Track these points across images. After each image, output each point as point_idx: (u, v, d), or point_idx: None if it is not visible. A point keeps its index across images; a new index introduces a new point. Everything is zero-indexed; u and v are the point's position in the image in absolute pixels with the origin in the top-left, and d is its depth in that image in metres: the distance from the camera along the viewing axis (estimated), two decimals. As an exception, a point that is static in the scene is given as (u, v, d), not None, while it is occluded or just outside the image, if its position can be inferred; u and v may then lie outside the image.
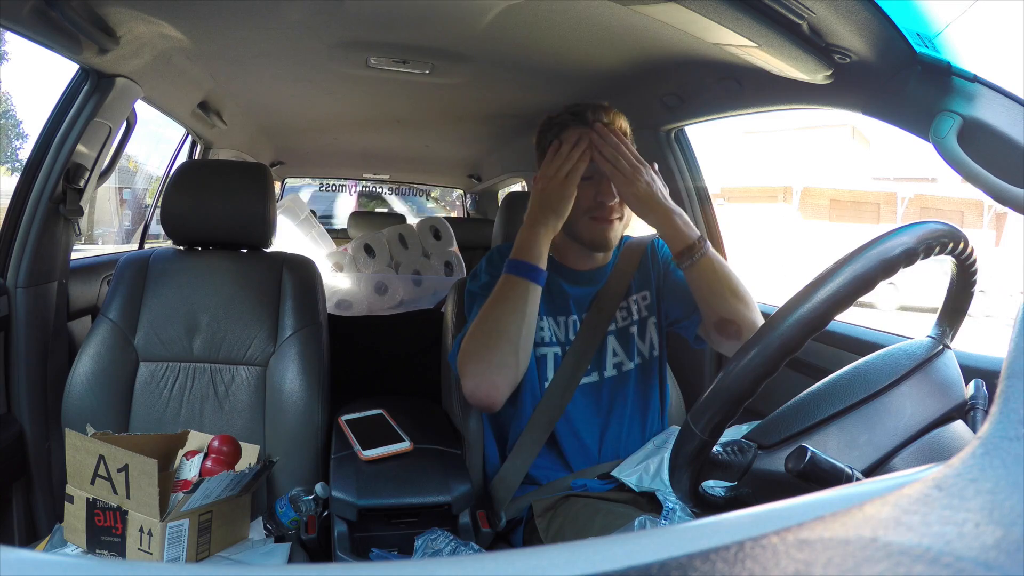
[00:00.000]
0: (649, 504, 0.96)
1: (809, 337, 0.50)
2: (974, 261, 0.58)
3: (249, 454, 1.08)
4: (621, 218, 1.04)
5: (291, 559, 1.01)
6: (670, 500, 0.82)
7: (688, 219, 0.99)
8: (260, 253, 1.30)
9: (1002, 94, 0.74)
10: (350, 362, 1.46)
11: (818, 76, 0.89)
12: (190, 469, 1.00)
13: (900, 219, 10.87)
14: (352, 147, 2.59)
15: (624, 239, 1.15)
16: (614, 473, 0.99)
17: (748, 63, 0.97)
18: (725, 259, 1.02)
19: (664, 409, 1.11)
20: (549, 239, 0.97)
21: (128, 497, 0.88)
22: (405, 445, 1.02)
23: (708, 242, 0.99)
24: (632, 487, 0.95)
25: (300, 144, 2.58)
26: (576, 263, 1.09)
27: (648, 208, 0.97)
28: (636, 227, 1.10)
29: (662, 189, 0.98)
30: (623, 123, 1.03)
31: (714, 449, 0.56)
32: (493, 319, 0.95)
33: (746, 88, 1.15)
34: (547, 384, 1.04)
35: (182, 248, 1.29)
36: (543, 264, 0.96)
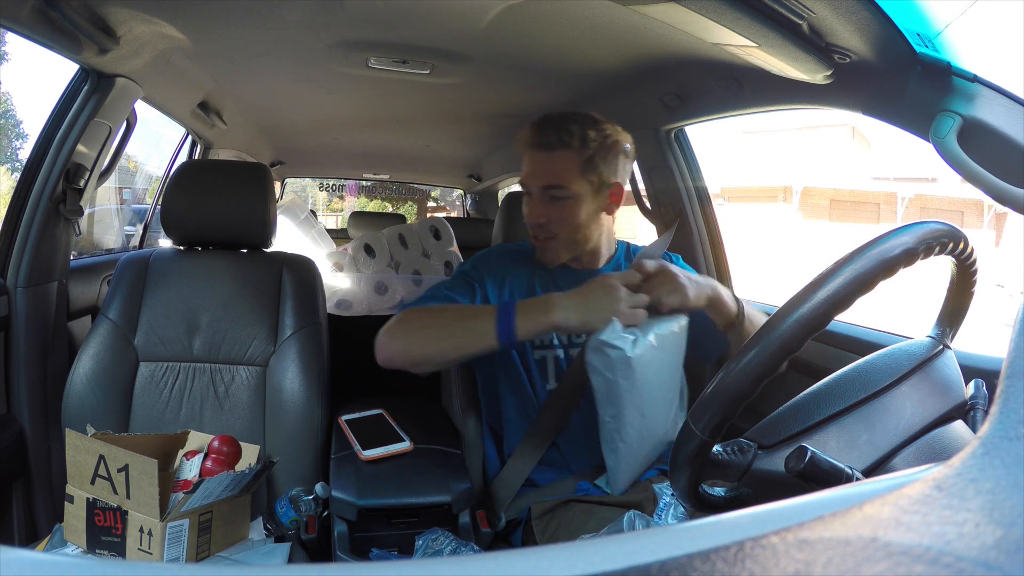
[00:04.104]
0: (650, 506, 0.96)
1: (809, 337, 0.50)
2: (974, 261, 0.58)
3: (249, 454, 1.08)
4: (556, 238, 1.03)
5: (291, 559, 1.01)
6: (665, 496, 0.81)
7: (727, 293, 0.95)
8: (260, 253, 1.30)
9: (1002, 94, 0.74)
10: (350, 362, 1.46)
11: (818, 76, 0.89)
12: (190, 469, 1.00)
13: (900, 219, 10.87)
14: (352, 147, 2.59)
15: (633, 248, 1.15)
16: (597, 482, 0.99)
17: (748, 63, 0.97)
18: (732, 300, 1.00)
19: None
20: (554, 331, 0.91)
21: (128, 497, 0.88)
22: (405, 445, 1.02)
23: (744, 307, 0.97)
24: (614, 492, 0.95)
25: (300, 144, 2.58)
26: (572, 261, 1.08)
27: (694, 301, 0.90)
28: (626, 229, 1.08)
29: (687, 281, 0.90)
30: (576, 135, 0.99)
31: (714, 449, 0.56)
32: (448, 337, 0.92)
33: (746, 88, 1.15)
34: (548, 387, 1.04)
35: (182, 248, 1.29)
36: (524, 340, 0.91)
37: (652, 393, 0.88)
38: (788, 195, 11.21)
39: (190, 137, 2.01)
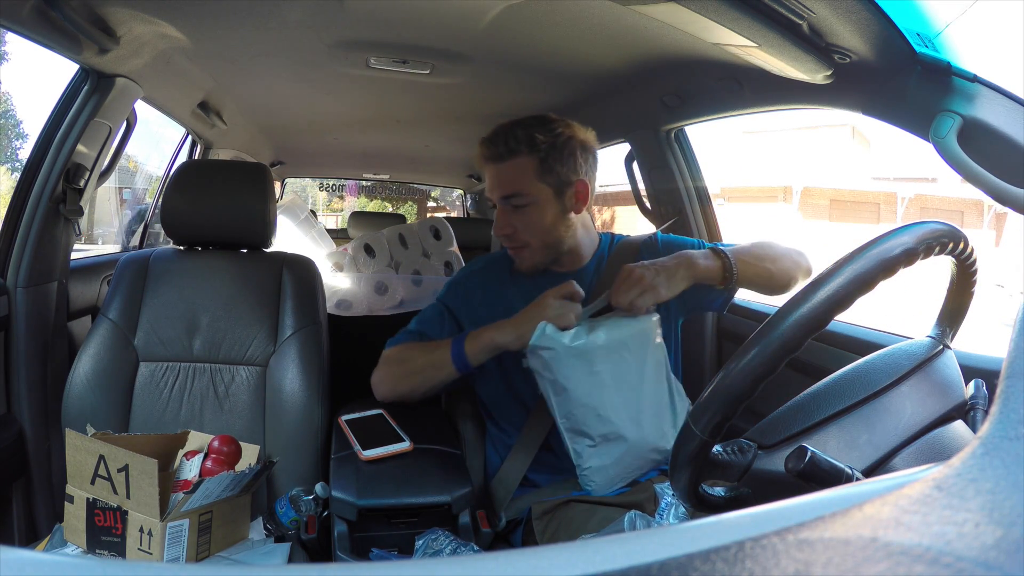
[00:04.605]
0: (651, 506, 0.96)
1: (809, 337, 0.50)
2: (974, 261, 0.58)
3: (249, 454, 1.08)
4: (528, 246, 1.03)
5: (291, 559, 1.01)
6: (667, 496, 0.81)
7: (696, 255, 0.96)
8: (260, 253, 1.30)
9: (1002, 94, 0.73)
10: (350, 362, 1.46)
11: (818, 76, 0.89)
12: (190, 469, 1.00)
13: (900, 219, 10.86)
14: (352, 147, 2.58)
15: (617, 238, 1.15)
16: (580, 480, 0.99)
17: (748, 63, 0.97)
18: (725, 249, 1.01)
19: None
20: (499, 351, 0.97)
21: (128, 497, 0.88)
22: (405, 445, 1.02)
23: (727, 253, 0.98)
24: (597, 494, 0.96)
25: (300, 144, 2.58)
26: (553, 264, 1.09)
27: (670, 293, 0.92)
28: (626, 229, 1.10)
29: (654, 276, 0.91)
30: (526, 140, 1.00)
31: (714, 449, 0.56)
32: (417, 372, 1.03)
33: (746, 88, 1.15)
34: (539, 392, 1.04)
35: (182, 248, 1.29)
36: (477, 365, 0.98)
37: (609, 394, 0.88)
38: (788, 195, 11.20)
39: (190, 137, 2.01)
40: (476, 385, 1.13)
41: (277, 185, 3.22)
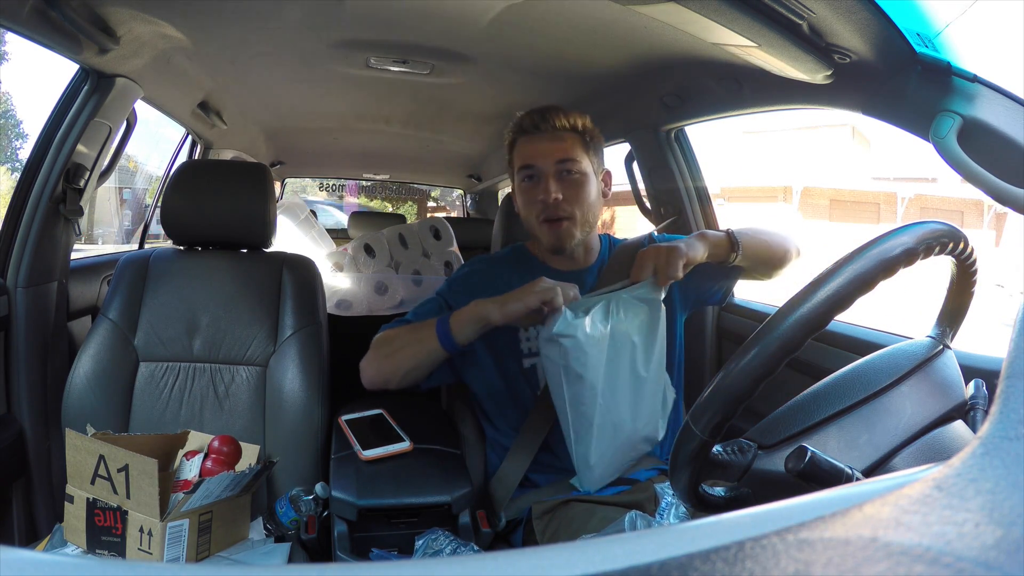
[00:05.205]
0: (651, 506, 0.96)
1: (809, 337, 0.50)
2: (974, 261, 0.58)
3: (249, 454, 1.08)
4: (572, 218, 1.03)
5: (291, 559, 1.01)
6: (667, 496, 0.81)
7: (706, 235, 1.00)
8: (260, 253, 1.30)
9: (1002, 94, 0.73)
10: (350, 362, 1.46)
11: (818, 76, 0.89)
12: (190, 469, 1.00)
13: (900, 219, 10.86)
14: (352, 147, 2.59)
15: (615, 242, 1.15)
16: (572, 481, 1.00)
17: (748, 63, 0.97)
18: (724, 230, 1.04)
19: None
20: (486, 327, 0.94)
21: (128, 497, 0.88)
22: (405, 445, 1.02)
23: (731, 230, 1.02)
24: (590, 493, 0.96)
25: (300, 144, 2.58)
26: (558, 264, 1.10)
27: (689, 251, 0.95)
28: (626, 229, 1.11)
29: (677, 249, 0.93)
30: (576, 121, 1.05)
31: (714, 449, 0.56)
32: (402, 349, 1.00)
33: (746, 88, 1.15)
34: (538, 393, 1.04)
35: (182, 248, 1.29)
36: (464, 342, 0.96)
37: (617, 383, 0.88)
38: (788, 195, 11.19)
39: (190, 137, 2.01)
40: (473, 386, 1.13)
41: (277, 185, 3.22)
